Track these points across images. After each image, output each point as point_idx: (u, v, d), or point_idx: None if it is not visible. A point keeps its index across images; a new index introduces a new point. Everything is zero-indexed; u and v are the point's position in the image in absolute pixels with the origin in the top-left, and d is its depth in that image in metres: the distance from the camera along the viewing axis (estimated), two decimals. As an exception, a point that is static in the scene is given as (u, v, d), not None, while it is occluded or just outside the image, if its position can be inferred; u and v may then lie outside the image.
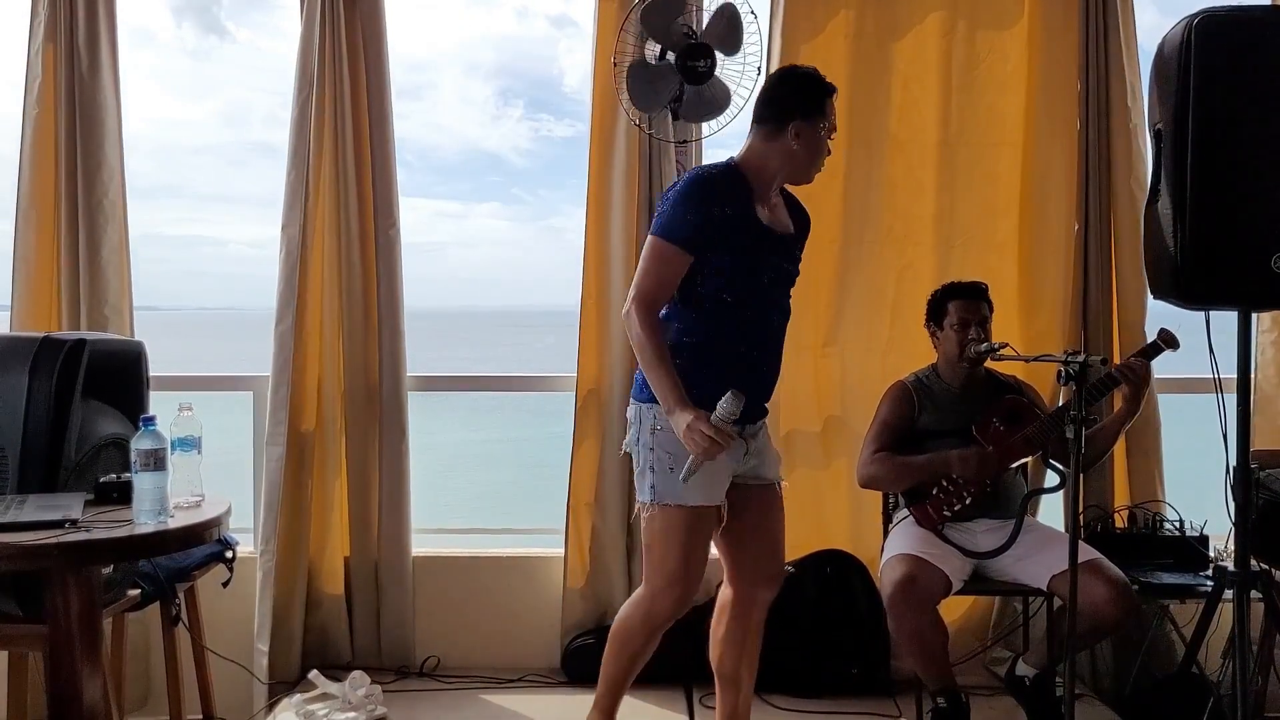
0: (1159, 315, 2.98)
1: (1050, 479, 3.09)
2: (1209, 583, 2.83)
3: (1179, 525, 3.16)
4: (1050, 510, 3.31)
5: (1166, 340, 2.89)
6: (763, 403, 2.50)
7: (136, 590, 2.71)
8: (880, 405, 3.05)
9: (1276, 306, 2.77)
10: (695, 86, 2.89)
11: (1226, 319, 2.57)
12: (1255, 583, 2.59)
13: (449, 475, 11.26)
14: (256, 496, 3.35)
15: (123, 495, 2.32)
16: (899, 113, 3.38)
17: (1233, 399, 2.56)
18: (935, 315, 3.05)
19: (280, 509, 3.26)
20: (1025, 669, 2.94)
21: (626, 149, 3.32)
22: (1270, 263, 2.37)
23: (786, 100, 2.40)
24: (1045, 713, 2.87)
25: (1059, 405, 3.07)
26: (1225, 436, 2.59)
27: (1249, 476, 2.56)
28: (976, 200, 3.39)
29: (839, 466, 3.39)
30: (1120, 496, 3.33)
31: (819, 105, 2.40)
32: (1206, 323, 2.61)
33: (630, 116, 3.06)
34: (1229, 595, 2.60)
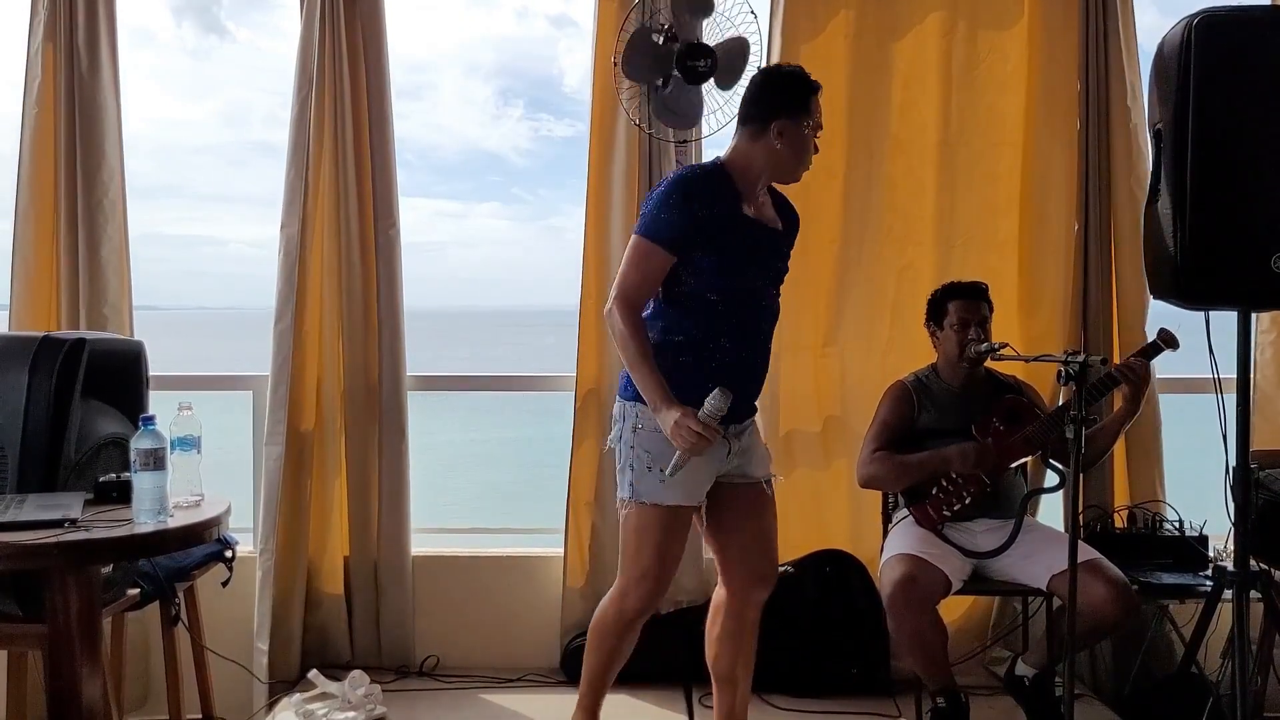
0: (1159, 315, 2.98)
1: (1050, 479, 3.10)
2: (1208, 583, 2.83)
3: (1179, 525, 3.16)
4: (1050, 510, 3.31)
5: (1166, 340, 2.89)
6: (751, 401, 2.50)
7: (136, 590, 2.71)
8: (880, 405, 3.05)
9: (1276, 307, 2.77)
10: (681, 83, 2.89)
11: (1226, 319, 2.57)
12: (1255, 583, 2.58)
13: (449, 475, 11.23)
14: (256, 496, 3.35)
15: (122, 495, 2.32)
16: (899, 113, 3.38)
17: (1232, 399, 2.56)
18: (935, 315, 3.05)
19: (280, 508, 3.25)
20: (1025, 669, 2.94)
21: (626, 149, 3.32)
22: (1270, 263, 2.37)
23: (770, 99, 2.40)
24: (1045, 713, 2.87)
25: (1059, 405, 3.06)
26: (1225, 436, 2.58)
27: (1248, 476, 2.56)
28: (976, 200, 3.39)
29: (839, 466, 3.39)
30: (1120, 496, 3.33)
31: (803, 104, 2.39)
32: (1206, 323, 2.61)
33: (630, 116, 3.06)
34: (1228, 595, 2.60)
